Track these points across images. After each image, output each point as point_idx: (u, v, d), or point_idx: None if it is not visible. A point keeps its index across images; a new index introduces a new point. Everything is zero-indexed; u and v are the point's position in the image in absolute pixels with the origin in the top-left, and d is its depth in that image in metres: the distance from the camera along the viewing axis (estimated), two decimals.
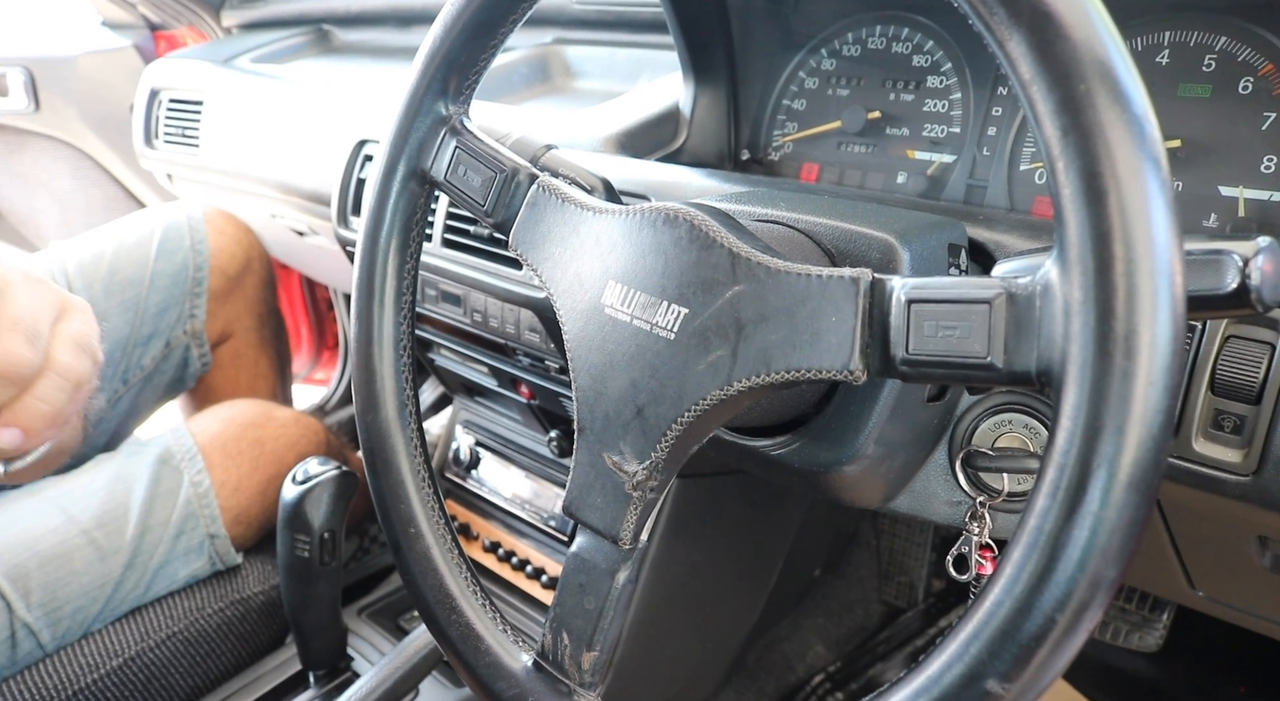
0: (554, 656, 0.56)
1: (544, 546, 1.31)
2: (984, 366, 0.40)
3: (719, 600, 1.40)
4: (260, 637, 1.24)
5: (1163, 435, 0.35)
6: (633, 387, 0.52)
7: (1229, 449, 0.60)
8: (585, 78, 1.37)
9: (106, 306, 1.35)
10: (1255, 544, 0.69)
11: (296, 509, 1.02)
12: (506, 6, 0.61)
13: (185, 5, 1.98)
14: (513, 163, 0.61)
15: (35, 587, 1.05)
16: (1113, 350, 0.35)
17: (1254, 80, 0.73)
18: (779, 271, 0.48)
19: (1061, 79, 0.36)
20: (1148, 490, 0.35)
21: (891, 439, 0.64)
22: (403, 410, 0.65)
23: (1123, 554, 0.35)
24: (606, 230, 0.55)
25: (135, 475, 1.16)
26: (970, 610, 0.39)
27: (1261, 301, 0.39)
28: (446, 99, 0.64)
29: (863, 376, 0.45)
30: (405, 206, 0.65)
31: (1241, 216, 0.73)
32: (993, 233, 0.66)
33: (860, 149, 0.95)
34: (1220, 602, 0.83)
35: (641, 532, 0.54)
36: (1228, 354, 0.59)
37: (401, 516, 0.63)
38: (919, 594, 1.69)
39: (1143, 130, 0.35)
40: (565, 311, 0.57)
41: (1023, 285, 0.39)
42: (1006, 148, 0.85)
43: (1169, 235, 0.35)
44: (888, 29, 0.94)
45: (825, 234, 0.63)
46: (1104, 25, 0.37)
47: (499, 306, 1.03)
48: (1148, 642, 1.37)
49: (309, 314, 2.31)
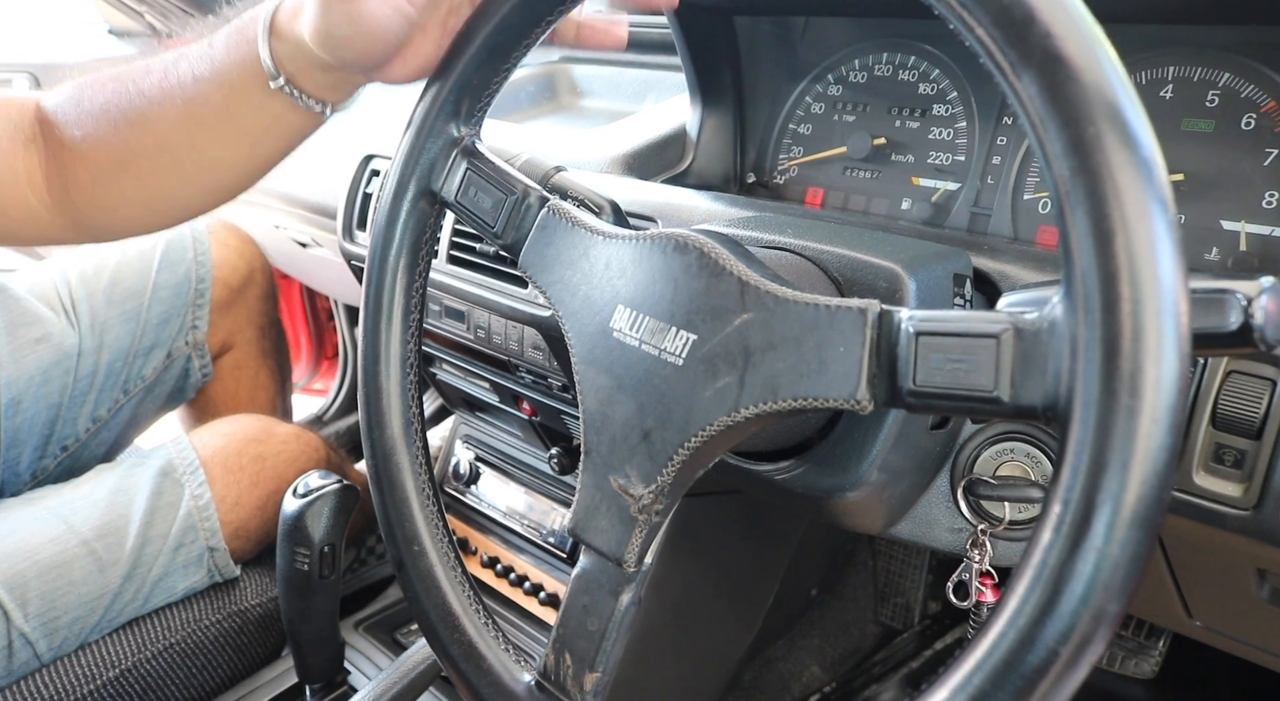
0: (556, 676, 0.56)
1: (543, 563, 1.31)
2: (990, 400, 0.41)
3: (715, 619, 1.40)
4: (257, 650, 1.24)
5: (1166, 472, 0.36)
6: (640, 412, 0.53)
7: (1229, 483, 0.60)
8: (592, 97, 1.38)
9: (108, 317, 1.35)
10: (1254, 576, 0.70)
11: (297, 522, 1.02)
12: (521, 30, 0.62)
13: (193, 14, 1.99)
14: (523, 185, 0.62)
15: (33, 597, 1.05)
16: (1118, 388, 0.35)
17: (1256, 117, 0.73)
18: (787, 300, 0.48)
19: (1071, 121, 0.37)
20: (1151, 526, 0.36)
21: (894, 466, 0.64)
22: (408, 428, 0.65)
23: (1126, 588, 0.36)
24: (617, 255, 0.56)
25: (136, 487, 1.16)
26: (973, 641, 0.39)
27: (1265, 341, 0.39)
28: (458, 121, 0.64)
29: (869, 406, 0.45)
30: (415, 226, 0.66)
31: (1243, 251, 0.73)
32: (997, 263, 0.67)
33: (865, 175, 0.96)
34: (1217, 632, 0.84)
35: (645, 555, 0.54)
36: (1229, 389, 0.59)
37: (406, 534, 0.63)
38: (915, 616, 1.69)
39: (1150, 173, 0.36)
40: (574, 334, 0.57)
41: (1030, 321, 0.40)
42: (1011, 177, 0.86)
43: (1174, 276, 0.36)
44: (894, 57, 0.95)
45: (832, 261, 0.64)
46: (1113, 68, 0.37)
47: (502, 323, 1.04)
48: (1143, 669, 1.37)
49: (309, 324, 2.31)
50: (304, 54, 0.65)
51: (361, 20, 0.61)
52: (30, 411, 1.27)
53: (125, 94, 0.72)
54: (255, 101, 0.67)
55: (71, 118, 0.74)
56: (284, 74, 0.66)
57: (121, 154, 0.72)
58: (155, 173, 0.73)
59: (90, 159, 0.73)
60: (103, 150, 0.72)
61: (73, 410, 1.32)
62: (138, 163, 0.72)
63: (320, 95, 0.68)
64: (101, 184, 0.74)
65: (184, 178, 0.74)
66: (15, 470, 1.28)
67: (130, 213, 0.77)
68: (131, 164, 0.72)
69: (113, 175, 0.73)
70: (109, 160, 0.72)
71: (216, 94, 0.69)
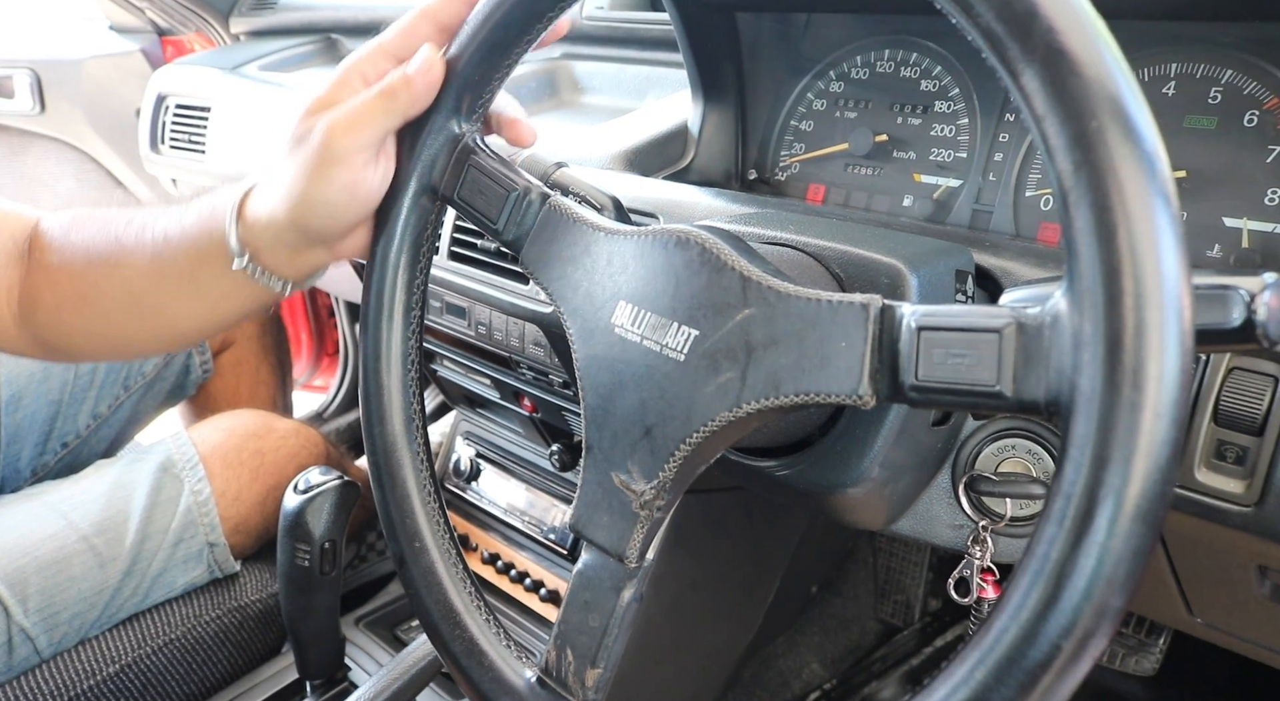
0: (558, 672, 0.56)
1: (543, 559, 1.31)
2: (992, 395, 0.41)
3: (716, 615, 1.41)
4: (257, 646, 1.24)
5: (1169, 467, 0.35)
6: (642, 408, 0.53)
7: (1231, 479, 0.60)
8: (593, 93, 1.38)
9: None
10: (1255, 573, 0.70)
11: (298, 518, 1.02)
12: (522, 27, 0.61)
13: (194, 11, 1.99)
14: (524, 181, 0.62)
15: (33, 593, 1.05)
16: (1121, 383, 0.35)
17: (1259, 114, 0.73)
18: (789, 295, 0.48)
19: (1074, 115, 0.37)
20: (1154, 520, 0.36)
21: (896, 462, 0.64)
22: (410, 425, 0.65)
23: (1128, 583, 0.36)
24: (618, 251, 0.56)
25: (136, 482, 1.16)
26: (976, 636, 0.39)
27: (1267, 337, 0.39)
28: (460, 117, 0.64)
29: (871, 401, 0.45)
30: (416, 223, 0.66)
31: (1245, 247, 0.73)
32: (999, 259, 0.67)
33: (867, 171, 0.96)
34: (1218, 629, 0.84)
35: (647, 551, 0.54)
36: (1231, 385, 0.59)
37: (407, 531, 0.63)
38: (915, 613, 1.69)
39: (1153, 167, 0.36)
40: (575, 330, 0.57)
41: (1032, 315, 0.40)
42: (1013, 173, 0.86)
43: (1178, 271, 0.36)
44: (896, 53, 0.95)
45: (834, 258, 0.64)
46: (1116, 62, 0.37)
47: (504, 320, 1.03)
48: (1144, 666, 1.37)
49: (309, 320, 2.31)
50: (273, 232, 0.67)
51: (359, 188, 0.63)
52: (31, 408, 1.27)
53: (105, 236, 0.74)
54: (217, 271, 0.69)
55: (57, 244, 0.76)
56: (249, 252, 0.68)
57: (88, 291, 0.74)
58: (116, 314, 0.75)
59: (60, 287, 0.76)
60: (72, 283, 0.75)
61: (73, 406, 1.32)
62: (101, 302, 0.74)
63: (282, 274, 0.70)
64: (65, 312, 0.76)
65: (142, 324, 0.76)
66: (15, 466, 1.28)
67: (86, 344, 0.79)
68: (96, 302, 0.74)
69: (76, 307, 0.75)
70: (75, 293, 0.74)
71: (183, 258, 0.71)
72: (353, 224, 0.66)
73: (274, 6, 1.94)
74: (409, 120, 0.64)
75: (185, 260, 0.71)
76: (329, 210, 0.64)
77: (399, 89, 0.62)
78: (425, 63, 0.62)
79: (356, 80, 0.65)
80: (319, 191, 0.63)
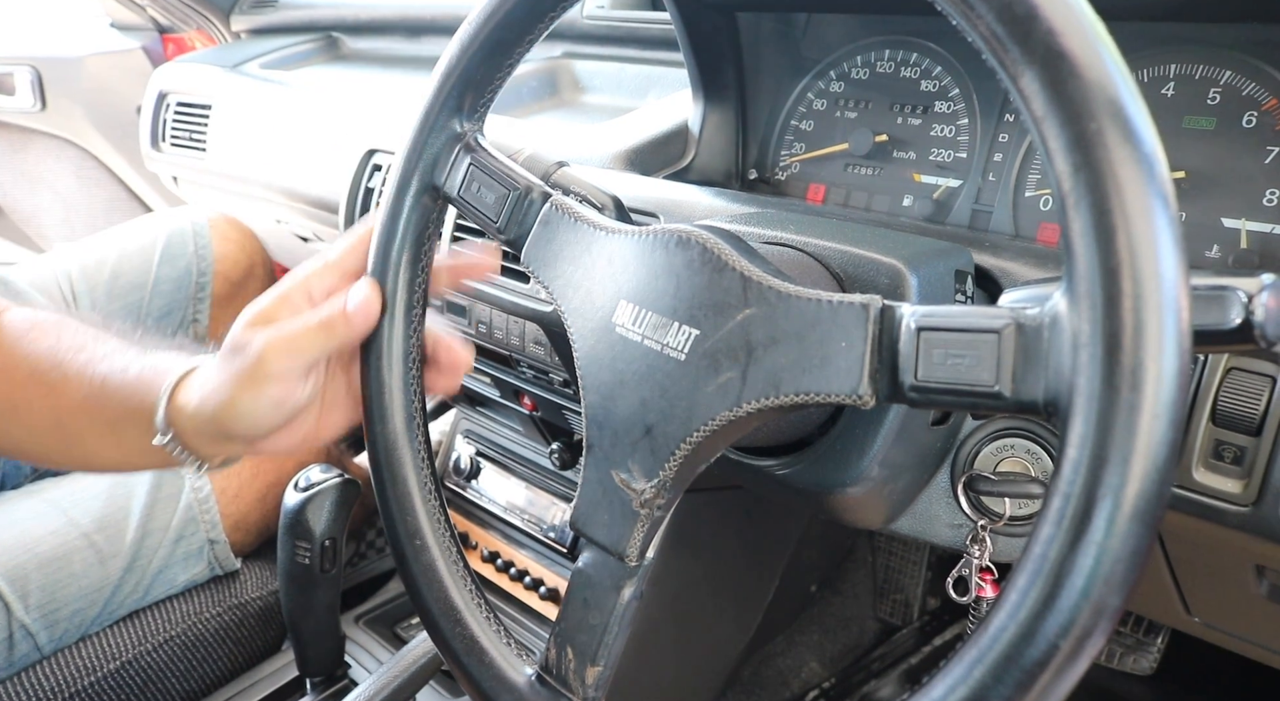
0: (557, 670, 0.56)
1: (543, 558, 1.31)
2: (992, 395, 0.41)
3: (715, 614, 1.41)
4: (257, 643, 1.24)
5: (1167, 467, 0.36)
6: (642, 406, 0.53)
7: (1229, 479, 0.61)
8: (594, 92, 1.38)
9: (109, 310, 1.36)
10: (1253, 572, 0.70)
11: (298, 516, 1.02)
12: (524, 27, 0.61)
13: (195, 9, 1.99)
14: (526, 180, 0.62)
15: (34, 589, 1.05)
16: (1119, 383, 0.36)
17: (1258, 115, 0.74)
18: (790, 295, 0.48)
19: (1073, 117, 0.37)
20: (1151, 520, 0.36)
21: (895, 462, 0.65)
22: (410, 423, 0.65)
23: (1126, 582, 0.36)
24: (619, 250, 0.56)
25: (136, 479, 1.16)
26: (974, 634, 0.39)
27: (1265, 337, 0.39)
28: (461, 116, 0.64)
29: (871, 401, 0.45)
30: (418, 221, 0.66)
31: (1244, 248, 0.74)
32: (998, 259, 0.67)
33: (866, 171, 0.96)
34: (1216, 628, 0.84)
35: (648, 550, 0.54)
36: (1229, 386, 0.59)
37: (408, 529, 0.63)
38: (914, 612, 1.69)
39: (1152, 168, 0.36)
40: (576, 329, 0.57)
41: (1031, 316, 0.40)
42: (1012, 174, 0.86)
43: (1176, 272, 0.36)
44: (896, 54, 0.95)
45: (834, 258, 0.64)
46: (1115, 64, 0.37)
47: (504, 319, 1.04)
48: (1142, 665, 1.38)
49: None
50: (196, 423, 0.67)
51: (287, 401, 0.64)
52: None
53: (53, 357, 0.74)
54: (140, 431, 0.69)
55: (9, 345, 0.76)
56: (173, 431, 0.68)
57: (20, 403, 0.74)
58: (40, 432, 0.75)
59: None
60: (9, 389, 0.74)
61: None
62: (31, 417, 0.74)
63: (200, 456, 0.70)
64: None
65: (57, 447, 0.76)
66: (17, 463, 1.28)
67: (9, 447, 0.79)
68: (26, 415, 0.74)
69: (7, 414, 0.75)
70: (8, 400, 0.74)
71: (112, 408, 0.71)
72: (275, 429, 0.66)
73: (275, 4, 1.94)
74: (345, 349, 0.65)
75: (113, 411, 0.71)
76: (253, 419, 0.64)
77: (337, 323, 0.63)
78: (364, 302, 0.63)
79: (301, 297, 0.65)
80: (248, 403, 0.63)
